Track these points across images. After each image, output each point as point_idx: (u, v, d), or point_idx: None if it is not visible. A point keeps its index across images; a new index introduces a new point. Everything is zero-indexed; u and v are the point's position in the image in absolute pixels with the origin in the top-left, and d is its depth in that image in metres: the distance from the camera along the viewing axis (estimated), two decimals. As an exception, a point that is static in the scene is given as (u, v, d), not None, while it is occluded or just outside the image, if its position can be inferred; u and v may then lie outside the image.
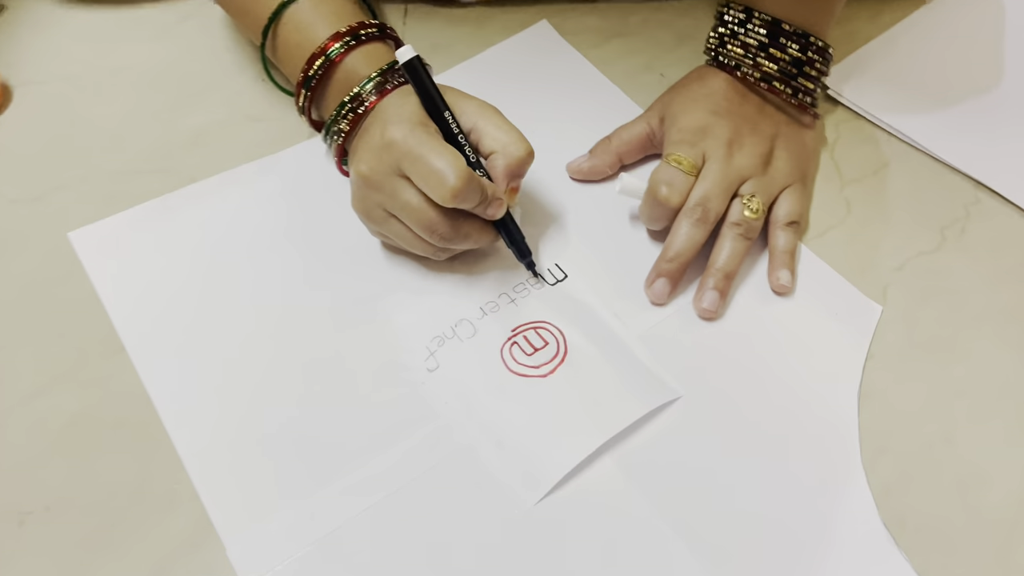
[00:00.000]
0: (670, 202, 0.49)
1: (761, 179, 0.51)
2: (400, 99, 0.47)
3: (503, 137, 0.46)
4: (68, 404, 0.46)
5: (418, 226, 0.45)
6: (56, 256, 0.52)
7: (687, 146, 0.50)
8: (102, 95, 0.61)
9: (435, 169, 0.42)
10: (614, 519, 0.41)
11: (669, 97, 0.55)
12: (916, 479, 0.43)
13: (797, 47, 0.52)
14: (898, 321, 0.49)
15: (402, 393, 0.46)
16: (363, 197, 0.47)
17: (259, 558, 0.40)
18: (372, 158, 0.45)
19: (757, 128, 0.52)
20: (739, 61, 0.52)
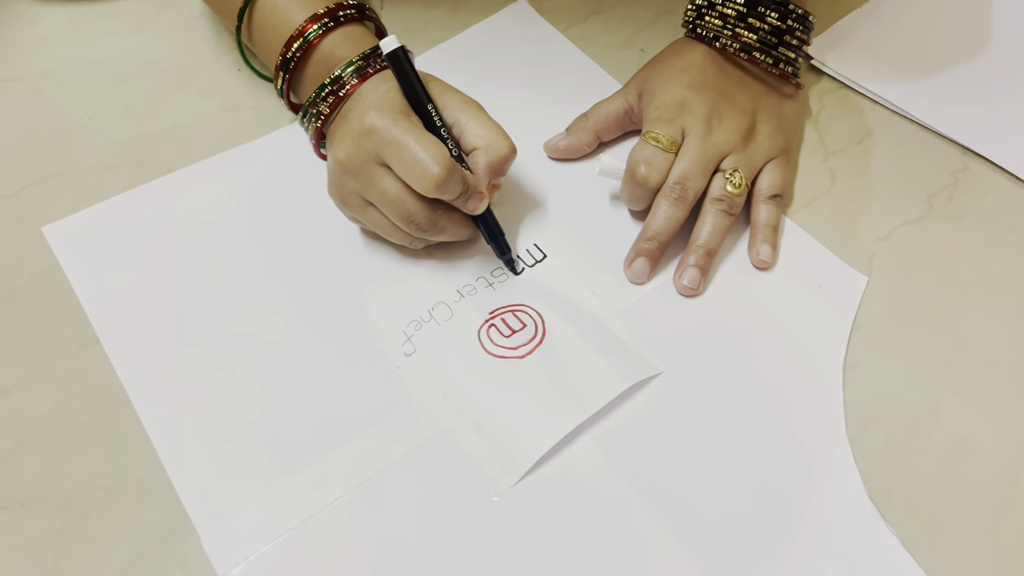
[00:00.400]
0: (649, 182, 0.48)
1: (743, 153, 0.50)
2: (381, 84, 0.46)
3: (486, 134, 0.45)
4: (42, 399, 0.46)
5: (396, 215, 0.45)
6: (30, 251, 0.52)
7: (665, 123, 0.49)
8: (77, 90, 0.61)
9: (419, 158, 0.42)
10: (594, 500, 0.41)
11: (646, 73, 0.54)
12: (902, 452, 0.42)
13: (776, 15, 0.50)
14: (884, 292, 0.48)
15: (379, 378, 0.45)
16: (340, 183, 0.46)
17: (234, 548, 0.40)
18: (351, 144, 0.44)
19: (736, 102, 0.51)
20: (717, 32, 0.51)
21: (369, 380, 0.45)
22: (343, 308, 0.48)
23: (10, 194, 0.55)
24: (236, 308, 0.48)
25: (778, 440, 0.42)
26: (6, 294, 0.50)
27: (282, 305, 0.48)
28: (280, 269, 0.50)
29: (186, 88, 0.61)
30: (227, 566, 0.39)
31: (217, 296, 0.49)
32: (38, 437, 0.44)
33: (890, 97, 0.56)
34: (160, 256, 0.50)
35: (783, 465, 0.41)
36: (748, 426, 0.43)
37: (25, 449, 0.44)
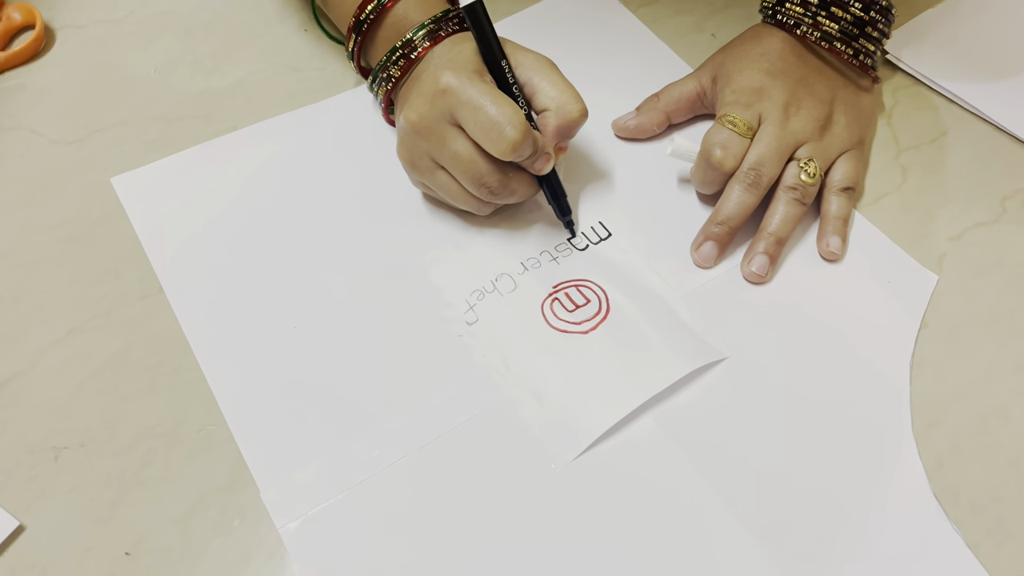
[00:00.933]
0: (724, 165, 0.47)
1: (818, 143, 0.49)
2: (453, 46, 0.46)
3: (558, 95, 0.44)
4: (105, 343, 0.46)
5: (466, 177, 0.44)
6: (95, 198, 0.52)
7: (742, 107, 0.49)
8: (144, 40, 0.61)
9: (494, 120, 0.41)
10: (654, 477, 0.40)
11: (722, 56, 0.53)
12: (970, 453, 0.42)
13: (860, 6, 0.50)
14: (954, 292, 0.47)
15: (441, 345, 0.45)
16: (411, 145, 0.46)
17: (293, 502, 0.40)
18: (424, 104, 0.44)
19: (815, 91, 0.50)
20: (798, 19, 0.50)
21: (431, 346, 0.45)
22: (407, 273, 0.48)
23: (76, 140, 0.55)
24: (299, 267, 0.48)
25: (843, 433, 0.42)
26: (71, 238, 0.50)
27: (346, 267, 0.48)
28: (344, 231, 0.49)
29: (252, 45, 0.60)
30: (285, 520, 0.39)
31: (280, 254, 0.49)
32: (100, 381, 0.45)
33: (966, 96, 0.55)
34: (226, 211, 0.51)
35: (847, 458, 0.41)
36: (813, 418, 0.42)
37: (87, 392, 0.44)
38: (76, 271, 0.49)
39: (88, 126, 0.56)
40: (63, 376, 0.45)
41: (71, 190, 0.52)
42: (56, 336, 0.46)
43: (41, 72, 0.59)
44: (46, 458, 0.42)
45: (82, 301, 0.48)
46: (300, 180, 0.52)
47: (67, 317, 0.47)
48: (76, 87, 0.58)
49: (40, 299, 0.48)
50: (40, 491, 0.41)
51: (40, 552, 0.40)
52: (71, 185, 0.53)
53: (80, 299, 0.48)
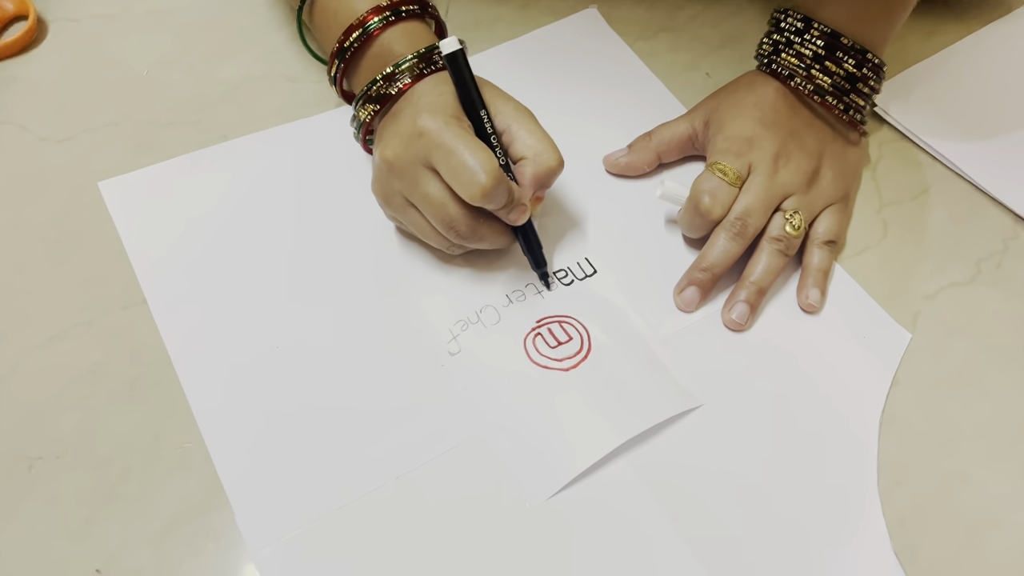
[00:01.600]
0: (711, 213, 0.48)
1: (805, 196, 0.50)
2: (435, 87, 0.46)
3: (535, 144, 0.45)
4: (86, 353, 0.46)
5: (437, 220, 0.44)
6: (82, 200, 0.52)
7: (733, 156, 0.50)
8: (138, 38, 0.60)
9: (467, 165, 0.41)
10: (624, 522, 0.41)
11: (716, 101, 0.54)
12: (931, 514, 0.43)
13: (853, 62, 0.51)
14: (926, 350, 0.48)
15: (423, 374, 0.45)
16: (384, 182, 0.46)
17: (267, 527, 0.40)
18: (399, 144, 0.44)
19: (804, 144, 0.51)
20: (792, 70, 0.51)
21: (413, 374, 0.45)
22: (392, 299, 0.48)
23: (65, 138, 0.55)
24: (284, 286, 0.48)
25: (810, 485, 0.43)
26: (56, 241, 0.50)
27: (331, 289, 0.48)
28: (332, 252, 0.50)
29: (248, 51, 0.60)
30: (259, 544, 0.40)
31: (266, 272, 0.49)
32: (79, 391, 0.45)
33: (949, 155, 0.56)
34: (213, 223, 0.50)
35: (813, 511, 0.42)
36: (782, 468, 0.43)
37: (65, 402, 0.44)
38: (60, 276, 0.48)
39: (78, 124, 0.55)
40: (42, 384, 0.45)
41: (58, 190, 0.52)
42: (37, 342, 0.46)
43: (32, 65, 0.58)
44: (20, 468, 0.42)
45: (65, 307, 0.47)
46: (290, 197, 0.52)
47: (49, 323, 0.47)
48: (67, 83, 0.58)
49: (22, 302, 0.47)
50: (12, 502, 0.41)
51: (9, 566, 0.39)
52: (58, 185, 0.52)
53: (63, 305, 0.47)
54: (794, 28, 0.52)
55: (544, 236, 0.50)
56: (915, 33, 0.64)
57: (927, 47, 0.63)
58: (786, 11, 0.52)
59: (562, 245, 0.51)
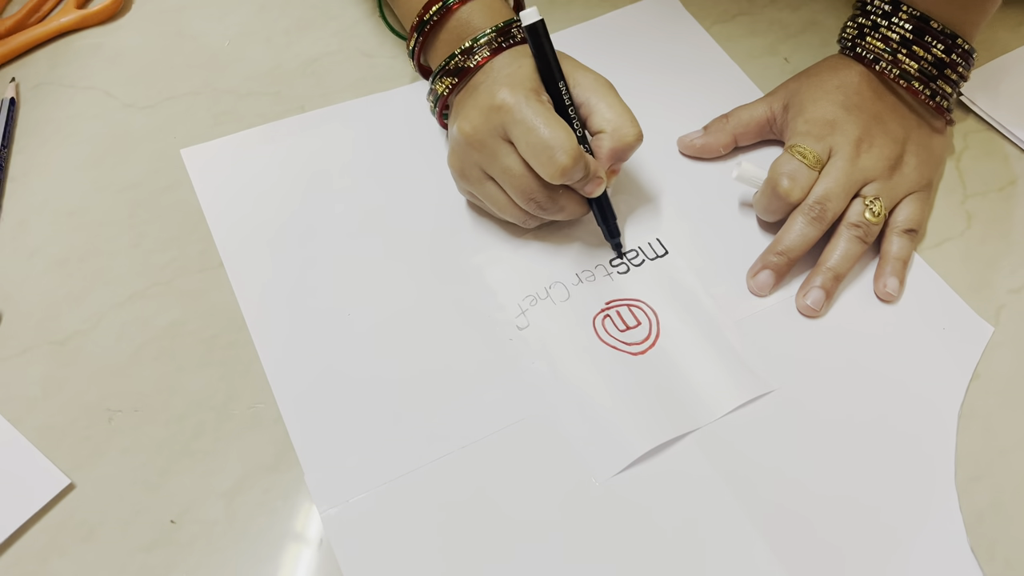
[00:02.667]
0: (790, 196, 0.47)
1: (887, 182, 0.48)
2: (513, 60, 0.46)
3: (614, 117, 0.44)
4: (164, 311, 0.47)
5: (516, 192, 0.45)
6: (163, 166, 0.53)
7: (813, 139, 0.48)
8: (220, 11, 0.61)
9: (546, 143, 0.41)
10: (692, 502, 0.41)
11: (797, 84, 0.53)
12: (1010, 510, 0.41)
13: (942, 47, 0.49)
14: (1009, 345, 0.47)
15: (491, 347, 0.45)
16: (462, 155, 0.46)
17: (335, 489, 0.41)
18: (479, 117, 0.44)
19: (888, 129, 0.49)
20: (878, 55, 0.50)
21: (481, 346, 0.45)
22: (463, 271, 0.48)
23: (147, 105, 0.56)
24: (357, 255, 0.49)
25: (884, 477, 0.42)
26: (137, 203, 0.51)
27: (403, 260, 0.48)
28: (406, 224, 0.50)
29: (326, 26, 0.61)
30: (327, 505, 0.40)
31: (339, 241, 0.49)
32: (156, 348, 0.46)
33: (1038, 147, 0.54)
34: (290, 192, 0.51)
35: (887, 502, 0.41)
36: (856, 457, 0.42)
37: (144, 358, 0.45)
38: (140, 237, 0.50)
39: (161, 92, 0.57)
40: (121, 340, 0.46)
41: (140, 155, 0.53)
42: (117, 300, 0.47)
43: (117, 34, 0.60)
44: (100, 419, 0.43)
45: (144, 267, 0.48)
46: (364, 169, 0.52)
47: (129, 282, 0.48)
48: (151, 52, 0.59)
49: (104, 261, 0.49)
50: (92, 451, 0.42)
51: (88, 511, 0.41)
52: (140, 150, 0.54)
53: (143, 265, 0.48)
54: (881, 11, 0.50)
55: (620, 216, 0.50)
56: (1004, 24, 0.62)
57: (1016, 38, 0.61)
58: None
59: (634, 225, 0.50)
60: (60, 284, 0.48)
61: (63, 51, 0.59)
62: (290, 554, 0.40)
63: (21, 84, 0.57)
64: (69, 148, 0.54)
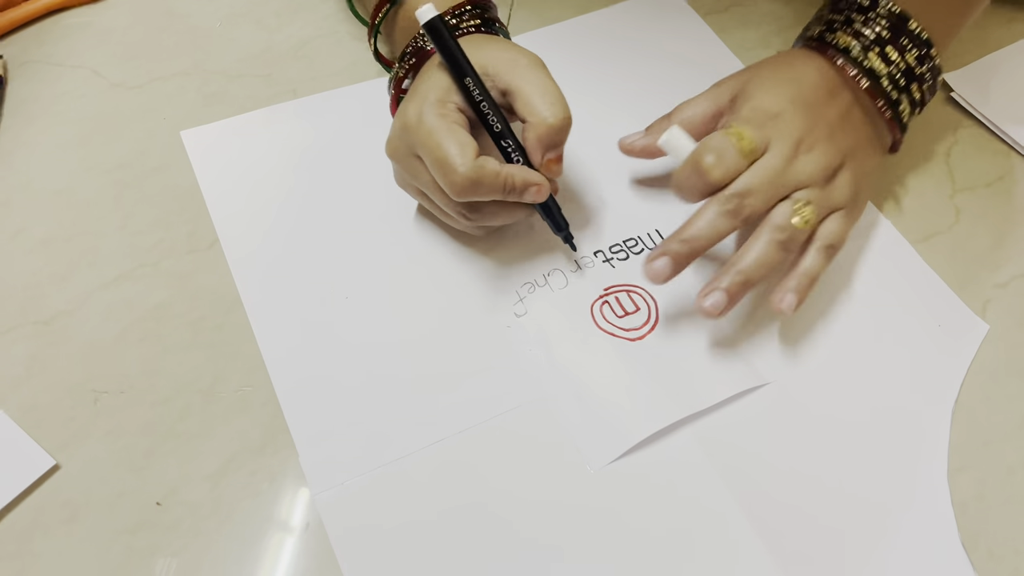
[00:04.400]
0: (710, 174, 0.42)
1: (821, 191, 0.44)
2: (432, 65, 0.44)
3: (537, 101, 0.41)
4: (151, 293, 0.46)
5: (441, 207, 0.44)
6: (152, 146, 0.52)
7: (754, 126, 0.44)
8: (211, -8, 0.61)
9: (440, 163, 0.40)
10: (685, 491, 0.41)
11: (748, 75, 0.48)
12: (994, 501, 0.42)
13: (916, 55, 0.46)
14: (995, 340, 0.47)
15: (488, 334, 0.45)
16: (395, 172, 0.46)
17: (330, 472, 0.40)
18: (395, 136, 0.43)
19: (834, 136, 0.45)
20: (847, 47, 0.46)
21: (478, 333, 0.45)
22: (461, 256, 0.48)
23: (136, 85, 0.55)
24: (355, 240, 0.48)
25: (878, 469, 0.42)
26: (125, 184, 0.51)
27: (401, 244, 0.48)
28: (404, 209, 0.50)
29: (317, 9, 0.60)
30: (320, 488, 0.40)
31: (337, 225, 0.49)
32: (143, 330, 0.45)
33: (1026, 143, 0.55)
34: (289, 175, 0.51)
35: (879, 493, 0.41)
36: (850, 449, 0.42)
37: (130, 339, 0.45)
38: (127, 218, 0.49)
39: (150, 72, 0.56)
40: (107, 321, 0.45)
41: (128, 136, 0.53)
42: (103, 280, 0.47)
43: (107, 13, 0.59)
44: (85, 400, 0.43)
45: (132, 248, 0.48)
46: (365, 153, 0.52)
47: (116, 263, 0.47)
48: (140, 31, 0.58)
49: (91, 241, 0.48)
50: (77, 432, 0.42)
51: (73, 492, 0.40)
52: (129, 130, 0.53)
53: (130, 246, 0.48)
54: (857, 5, 0.46)
55: (615, 206, 0.50)
56: (995, 20, 0.62)
57: (1007, 34, 0.61)
58: None
59: (633, 215, 0.50)
60: (45, 264, 0.47)
61: (51, 29, 0.58)
62: (276, 537, 0.39)
63: (8, 62, 0.56)
64: (56, 127, 0.53)
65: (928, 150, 0.55)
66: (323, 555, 0.39)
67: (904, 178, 0.54)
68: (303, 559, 0.39)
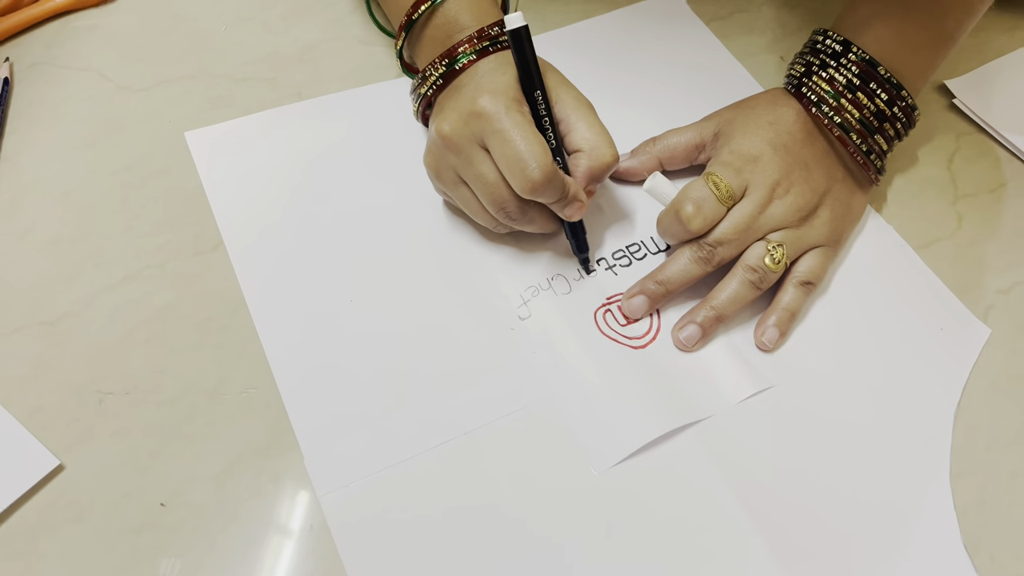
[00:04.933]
0: (691, 224, 0.45)
1: (795, 231, 0.46)
2: (499, 66, 0.45)
3: (593, 138, 0.44)
4: (157, 294, 0.46)
5: (489, 200, 0.44)
6: (158, 149, 0.52)
7: (732, 171, 0.46)
8: (217, -5, 0.61)
9: (521, 156, 0.41)
10: (689, 494, 0.41)
11: (732, 114, 0.50)
12: (996, 506, 0.42)
13: (886, 98, 0.47)
14: (997, 345, 0.47)
15: (492, 336, 0.45)
16: (438, 156, 0.45)
17: (335, 473, 0.41)
18: (458, 120, 0.43)
19: (811, 177, 0.47)
20: (822, 98, 0.48)
21: (482, 335, 0.45)
22: (465, 259, 0.48)
23: (142, 88, 0.56)
24: (359, 242, 0.48)
25: (881, 471, 0.42)
26: (131, 186, 0.51)
27: (406, 247, 0.48)
28: (407, 212, 0.50)
29: (323, 13, 0.61)
30: (326, 489, 0.40)
31: (342, 228, 0.49)
32: (148, 331, 0.45)
33: (1028, 150, 0.55)
34: (294, 178, 0.51)
35: (882, 496, 0.41)
36: (853, 452, 0.43)
37: (135, 340, 0.45)
38: (134, 220, 0.49)
39: (156, 75, 0.56)
40: (113, 322, 0.45)
41: (134, 138, 0.53)
42: (110, 282, 0.47)
43: (113, 16, 0.59)
44: (91, 401, 0.43)
45: (138, 250, 0.48)
46: (369, 157, 0.52)
47: (121, 264, 0.47)
48: (147, 35, 0.58)
49: (97, 243, 0.48)
50: (82, 433, 0.42)
51: (77, 493, 0.40)
52: (135, 133, 0.53)
53: (136, 248, 0.48)
54: (832, 50, 0.48)
55: (617, 211, 0.50)
56: (997, 27, 0.62)
57: (1009, 42, 0.62)
58: (825, 32, 0.49)
59: (637, 220, 0.51)
60: (52, 265, 0.47)
61: (58, 32, 0.58)
62: (280, 538, 0.39)
63: (15, 64, 0.56)
64: (63, 129, 0.53)
65: (931, 157, 0.55)
66: (328, 556, 0.39)
67: (907, 184, 0.54)
68: (308, 560, 0.39)
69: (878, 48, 0.48)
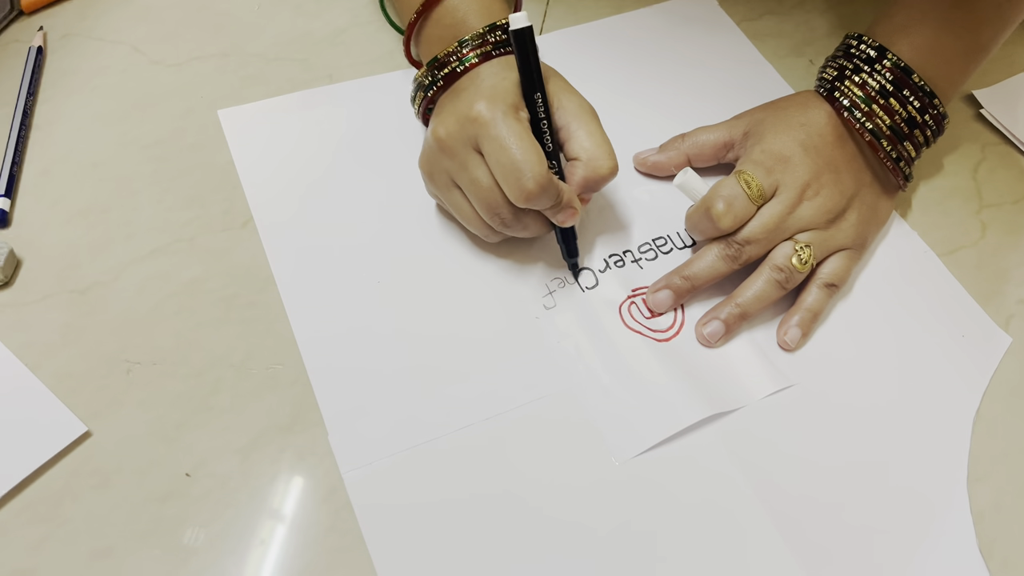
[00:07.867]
0: (720, 222, 0.45)
1: (822, 233, 0.47)
2: (500, 71, 0.45)
3: (592, 147, 0.43)
4: (185, 268, 0.47)
5: (481, 205, 0.44)
6: (189, 124, 0.53)
7: (764, 170, 0.47)
8: (251, -25, 0.61)
9: (516, 164, 0.40)
10: (708, 488, 0.41)
11: (763, 114, 0.51)
12: (1011, 511, 0.42)
13: (919, 105, 0.47)
14: (1017, 354, 0.48)
15: (518, 324, 0.46)
16: (432, 159, 0.45)
17: (359, 451, 0.41)
18: (454, 124, 0.43)
19: (840, 179, 0.48)
20: (854, 103, 0.48)
21: (508, 323, 0.46)
22: (493, 248, 0.48)
23: (175, 64, 0.56)
24: (389, 225, 0.49)
25: (899, 474, 0.42)
26: (162, 159, 0.51)
27: (435, 232, 0.49)
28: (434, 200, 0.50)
29: (356, -3, 0.61)
30: (349, 467, 0.41)
31: (372, 209, 0.49)
32: (176, 304, 0.46)
33: (1054, 163, 0.55)
34: (325, 158, 0.51)
35: (899, 498, 0.42)
36: (872, 455, 0.43)
37: (164, 312, 0.45)
38: (164, 193, 0.50)
39: (189, 52, 0.57)
40: (142, 294, 0.46)
41: (166, 113, 0.53)
42: (139, 254, 0.47)
43: (148, -10, 0.60)
44: (118, 370, 0.43)
45: (167, 223, 0.48)
46: (400, 140, 0.52)
47: (151, 237, 0.48)
48: (181, 11, 0.59)
49: (127, 215, 0.49)
50: (110, 401, 0.42)
51: (104, 460, 0.41)
52: (167, 108, 0.53)
53: (165, 221, 0.48)
54: (866, 55, 0.48)
55: (644, 205, 0.51)
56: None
57: (1037, 55, 0.62)
58: (860, 37, 0.49)
59: (664, 214, 0.51)
60: (82, 235, 0.48)
61: (94, 4, 0.58)
62: (302, 512, 0.40)
63: (49, 34, 0.56)
64: (95, 101, 0.53)
65: (956, 166, 0.56)
66: (349, 533, 0.39)
67: (932, 192, 0.54)
68: (329, 536, 0.39)
69: (913, 55, 0.48)
